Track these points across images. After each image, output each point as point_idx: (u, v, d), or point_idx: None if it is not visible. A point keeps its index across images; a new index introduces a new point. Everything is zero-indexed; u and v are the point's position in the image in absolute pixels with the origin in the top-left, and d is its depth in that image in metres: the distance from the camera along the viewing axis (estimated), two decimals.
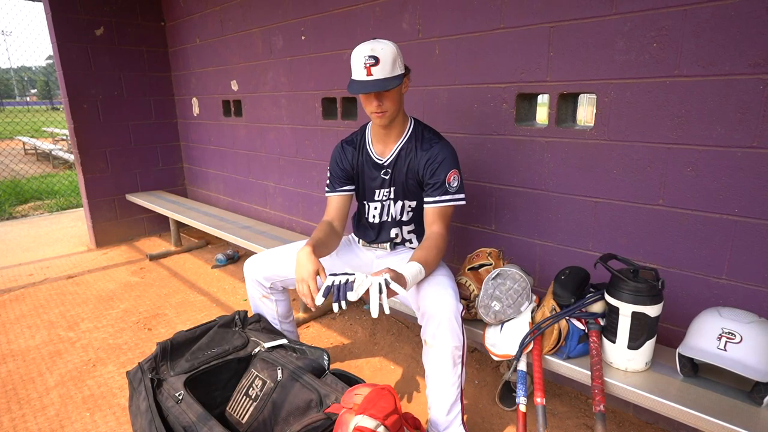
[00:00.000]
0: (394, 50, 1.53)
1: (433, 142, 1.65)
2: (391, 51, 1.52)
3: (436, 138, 1.67)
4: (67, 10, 3.52)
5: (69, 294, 3.05)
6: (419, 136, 1.68)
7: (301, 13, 2.72)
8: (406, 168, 1.69)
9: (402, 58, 1.56)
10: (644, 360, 1.37)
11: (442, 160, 1.61)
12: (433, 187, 1.62)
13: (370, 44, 1.52)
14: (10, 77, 49.11)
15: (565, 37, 1.68)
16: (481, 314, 1.57)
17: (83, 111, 3.72)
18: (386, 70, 1.51)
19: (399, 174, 1.71)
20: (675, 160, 1.51)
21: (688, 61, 1.43)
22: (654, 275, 1.35)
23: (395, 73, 1.53)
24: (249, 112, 3.40)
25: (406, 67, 1.58)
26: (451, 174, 1.61)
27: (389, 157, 1.71)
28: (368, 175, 1.78)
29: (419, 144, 1.67)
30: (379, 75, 1.51)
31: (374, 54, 1.50)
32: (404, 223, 1.80)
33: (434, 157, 1.62)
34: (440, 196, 1.61)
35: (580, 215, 1.78)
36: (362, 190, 1.83)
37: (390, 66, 1.51)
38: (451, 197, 1.62)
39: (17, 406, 1.93)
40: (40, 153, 10.55)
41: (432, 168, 1.62)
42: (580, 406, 1.90)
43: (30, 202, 5.93)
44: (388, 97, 1.56)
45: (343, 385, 1.50)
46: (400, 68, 1.55)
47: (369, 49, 1.51)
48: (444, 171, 1.61)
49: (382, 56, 1.50)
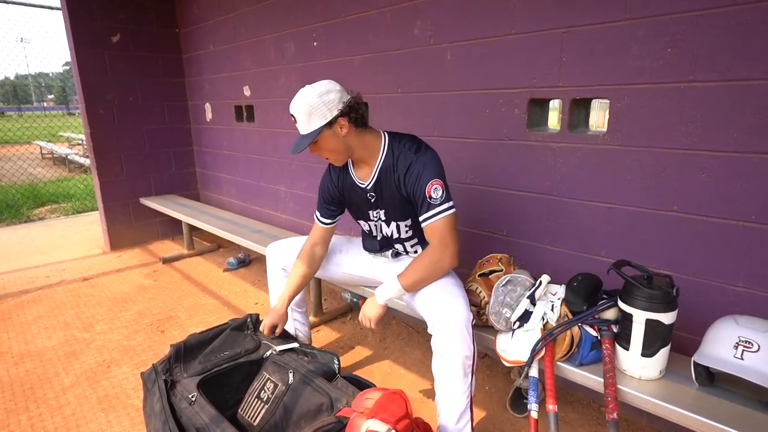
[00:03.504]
0: (310, 104, 1.48)
1: (408, 158, 1.56)
2: (303, 107, 1.49)
3: (412, 150, 1.58)
4: (85, 18, 3.60)
5: (84, 296, 3.10)
6: (395, 154, 1.60)
7: (313, 20, 2.75)
8: (389, 189, 1.63)
9: (329, 103, 1.49)
10: (658, 368, 1.35)
11: (419, 173, 1.53)
12: (420, 205, 1.56)
13: (295, 97, 1.53)
14: (28, 83, 50.17)
15: (578, 42, 1.68)
16: (492, 321, 1.57)
17: (99, 116, 3.79)
18: (303, 127, 1.52)
19: (384, 196, 1.66)
20: (690, 165, 1.50)
21: (704, 66, 1.42)
22: (668, 282, 1.34)
23: (312, 127, 1.51)
24: (261, 117, 3.44)
25: (343, 108, 1.51)
26: (430, 186, 1.52)
27: (371, 181, 1.66)
28: (356, 198, 1.76)
29: (396, 162, 1.59)
30: (299, 128, 1.54)
31: (291, 111, 1.53)
32: (405, 239, 1.78)
33: (411, 173, 1.55)
34: (425, 213, 1.54)
35: (593, 221, 1.77)
36: (354, 211, 1.83)
37: (305, 122, 1.51)
38: (435, 212, 1.52)
39: (35, 405, 1.96)
40: (57, 157, 10.74)
41: (411, 185, 1.56)
42: (592, 414, 1.88)
43: (47, 205, 6.04)
44: (320, 147, 1.57)
45: (354, 389, 1.51)
46: (319, 120, 1.50)
47: (291, 104, 1.53)
48: (423, 185, 1.53)
49: (296, 114, 1.52)
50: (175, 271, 3.54)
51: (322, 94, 1.50)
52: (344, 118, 1.53)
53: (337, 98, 1.51)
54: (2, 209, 5.44)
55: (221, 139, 3.99)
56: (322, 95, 1.50)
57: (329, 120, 1.51)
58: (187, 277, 3.41)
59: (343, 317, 2.76)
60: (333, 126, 1.52)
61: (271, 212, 3.60)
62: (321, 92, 1.50)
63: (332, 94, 1.51)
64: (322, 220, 1.85)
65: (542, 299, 1.54)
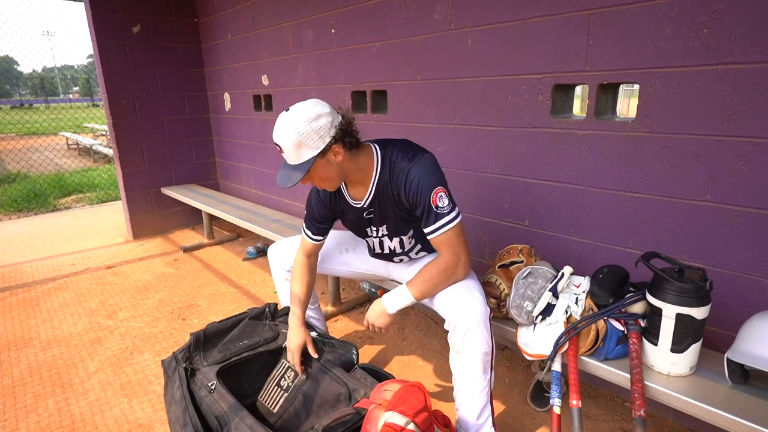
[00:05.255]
0: (299, 132, 1.32)
1: (404, 169, 1.43)
2: (291, 136, 1.32)
3: (406, 159, 1.45)
4: (106, 9, 3.63)
5: (108, 284, 3.17)
6: (390, 166, 1.47)
7: (331, 6, 2.71)
8: (389, 204, 1.52)
9: (320, 130, 1.34)
10: (689, 364, 1.30)
11: (419, 183, 1.41)
12: (425, 216, 1.44)
13: (278, 123, 1.36)
14: (55, 76, 51.44)
15: (606, 24, 1.60)
16: (513, 315, 1.53)
17: (121, 107, 3.84)
18: (291, 158, 1.37)
19: (384, 212, 1.55)
20: (725, 153, 1.42)
21: (743, 47, 1.33)
22: (701, 275, 1.28)
23: (302, 158, 1.35)
24: (279, 106, 3.43)
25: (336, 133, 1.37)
26: (434, 195, 1.40)
27: (366, 199, 1.54)
28: (352, 218, 1.65)
29: (392, 175, 1.47)
30: (287, 159, 1.39)
31: (276, 141, 1.37)
32: (409, 250, 1.69)
33: (410, 183, 1.42)
34: (433, 224, 1.43)
35: (620, 211, 1.70)
36: (350, 227, 1.74)
37: (294, 153, 1.35)
38: (444, 222, 1.42)
39: (61, 390, 2.02)
40: (82, 148, 11.01)
41: (412, 196, 1.43)
42: (616, 409, 1.83)
43: (72, 195, 6.20)
44: (311, 177, 1.43)
45: (372, 380, 1.50)
46: (310, 150, 1.34)
47: (275, 132, 1.37)
48: (426, 195, 1.41)
49: (283, 144, 1.36)
50: (195, 260, 3.59)
51: (312, 121, 1.33)
52: (338, 145, 1.38)
53: (328, 123, 1.35)
54: (30, 199, 5.60)
55: (240, 129, 4.01)
56: (312, 122, 1.33)
57: (322, 149, 1.36)
58: (207, 266, 3.45)
59: (361, 307, 2.75)
60: (326, 155, 1.37)
61: (289, 201, 3.61)
62: (310, 118, 1.33)
63: (323, 119, 1.34)
64: (312, 237, 1.70)
65: (565, 292, 1.50)
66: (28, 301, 2.92)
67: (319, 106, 1.36)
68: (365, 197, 1.54)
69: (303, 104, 1.37)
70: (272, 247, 2.03)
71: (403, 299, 1.52)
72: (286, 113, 1.36)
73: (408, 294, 1.50)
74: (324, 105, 1.38)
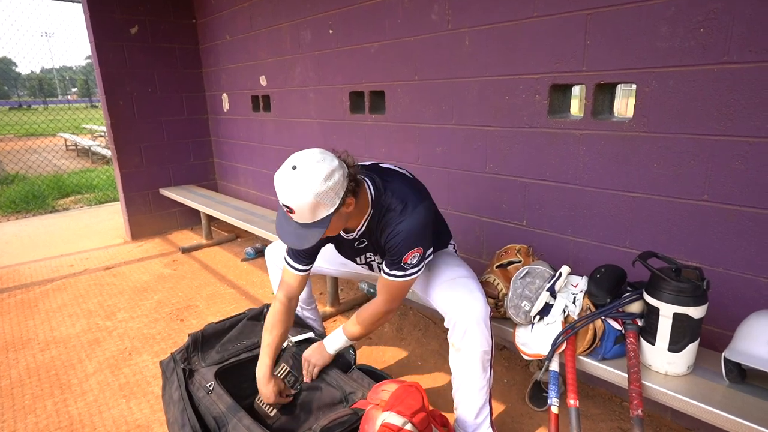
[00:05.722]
0: (317, 193, 1.20)
1: (393, 223, 1.38)
2: (308, 198, 1.20)
3: (398, 212, 1.38)
4: (104, 10, 3.62)
5: (106, 285, 3.16)
6: (382, 214, 1.41)
7: (329, 7, 2.71)
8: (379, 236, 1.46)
9: (336, 186, 1.23)
10: (686, 364, 1.30)
11: (400, 242, 1.37)
12: (389, 261, 1.43)
13: (288, 183, 1.21)
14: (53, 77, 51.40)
15: (603, 24, 1.60)
16: (511, 315, 1.53)
17: (119, 108, 3.84)
18: (304, 218, 1.25)
19: (376, 240, 1.49)
20: (722, 152, 1.42)
21: (739, 46, 1.34)
22: (698, 275, 1.28)
23: (318, 217, 1.25)
24: (277, 106, 3.43)
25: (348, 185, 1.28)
26: (409, 255, 1.38)
27: (358, 231, 1.48)
28: (341, 247, 1.63)
29: (381, 222, 1.41)
30: (298, 219, 1.26)
31: (288, 204, 1.23)
32: None
33: (393, 237, 1.38)
34: (392, 270, 1.42)
35: (617, 211, 1.70)
36: (341, 253, 1.69)
37: (308, 214, 1.23)
38: (401, 274, 1.41)
39: (59, 391, 2.01)
40: (80, 149, 11.00)
41: (390, 247, 1.40)
42: (614, 409, 1.83)
43: (71, 196, 6.19)
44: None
45: (370, 380, 1.50)
46: (327, 208, 1.24)
47: (284, 193, 1.22)
48: (401, 252, 1.38)
49: (297, 207, 1.22)
50: (193, 261, 3.59)
51: (327, 178, 1.21)
52: (351, 197, 1.30)
53: (341, 177, 1.25)
54: (29, 200, 5.59)
55: (238, 130, 4.01)
56: (327, 179, 1.21)
57: (338, 206, 1.26)
58: (205, 267, 3.45)
59: (359, 307, 2.75)
60: (340, 208, 1.28)
61: None
62: (325, 176, 1.21)
63: (336, 173, 1.23)
64: (296, 267, 1.56)
65: (563, 291, 1.50)
66: (26, 303, 2.92)
67: (328, 159, 1.25)
68: (356, 230, 1.48)
69: (310, 159, 1.24)
70: (269, 247, 2.03)
71: (339, 341, 1.58)
72: (294, 173, 1.21)
73: (343, 335, 1.57)
74: (329, 155, 1.27)
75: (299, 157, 1.25)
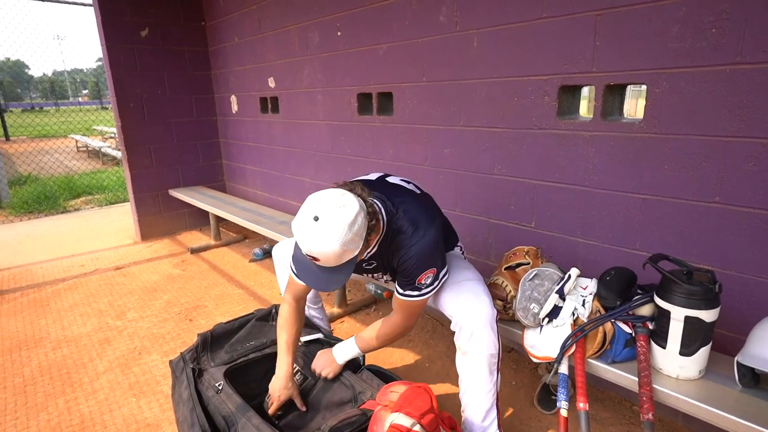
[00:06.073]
0: (344, 242, 1.18)
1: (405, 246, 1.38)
2: (335, 247, 1.18)
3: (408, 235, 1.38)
4: (115, 13, 3.67)
5: (117, 285, 3.20)
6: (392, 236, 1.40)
7: (337, 9, 2.72)
8: (385, 260, 1.48)
9: (360, 230, 1.22)
10: (698, 368, 1.29)
11: (413, 264, 1.38)
12: (403, 281, 1.44)
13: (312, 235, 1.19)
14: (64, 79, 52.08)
15: (613, 25, 1.59)
16: (520, 317, 1.53)
17: (129, 109, 3.88)
18: (330, 263, 1.24)
19: (387, 261, 1.48)
20: (734, 154, 1.41)
21: (752, 47, 1.32)
22: (710, 278, 1.27)
23: (344, 260, 1.24)
24: (285, 108, 3.45)
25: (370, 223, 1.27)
26: (423, 276, 1.40)
27: (368, 253, 1.45)
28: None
29: (393, 245, 1.41)
30: (325, 264, 1.25)
31: (312, 254, 1.22)
32: None
33: (405, 261, 1.39)
34: (407, 290, 1.44)
35: (627, 213, 1.69)
36: None
37: (335, 260, 1.23)
38: (416, 294, 1.43)
39: (71, 389, 2.04)
40: (91, 150, 11.12)
41: (403, 269, 1.41)
42: (623, 413, 1.81)
43: (82, 196, 6.26)
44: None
45: (379, 381, 1.50)
46: (352, 252, 1.24)
47: (308, 244, 1.20)
48: (415, 274, 1.40)
49: (325, 256, 1.21)
50: (202, 261, 3.61)
51: (352, 225, 1.19)
52: (373, 233, 1.31)
53: (363, 217, 1.24)
54: (41, 200, 5.67)
55: (247, 131, 4.03)
56: (352, 226, 1.20)
57: (362, 247, 1.27)
58: (214, 267, 3.47)
59: (367, 308, 2.76)
60: (363, 247, 1.28)
61: (296, 203, 3.62)
62: (349, 223, 1.19)
63: (359, 217, 1.22)
64: (300, 280, 1.51)
65: (572, 294, 1.49)
66: (38, 302, 2.96)
67: (348, 202, 1.22)
68: (366, 252, 1.44)
69: (331, 205, 1.20)
70: (277, 246, 2.04)
71: (350, 351, 1.56)
72: (318, 224, 1.18)
73: (355, 347, 1.56)
74: (348, 196, 1.24)
75: (319, 206, 1.21)
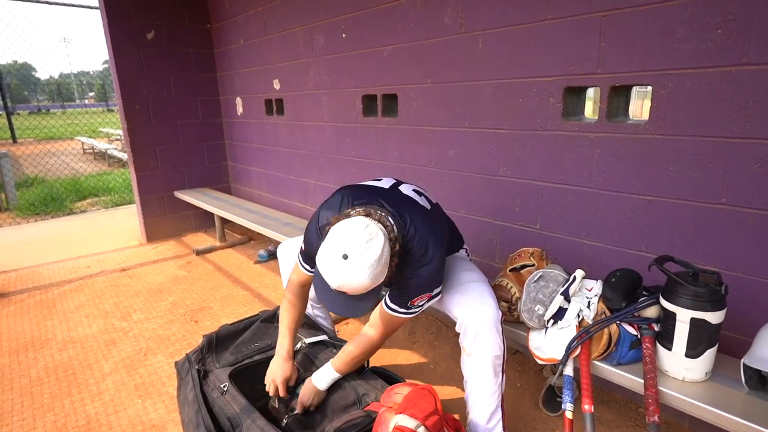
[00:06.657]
0: (375, 275, 1.20)
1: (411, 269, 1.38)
2: (365, 282, 1.20)
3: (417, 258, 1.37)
4: (122, 16, 3.70)
5: (123, 286, 3.22)
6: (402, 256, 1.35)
7: (342, 11, 2.73)
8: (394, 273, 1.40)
9: (386, 261, 1.24)
10: (704, 370, 1.28)
11: (413, 286, 1.40)
12: (395, 295, 1.44)
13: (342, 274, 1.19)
14: (71, 81, 52.47)
15: (619, 26, 1.59)
16: (525, 319, 1.52)
17: (135, 112, 3.91)
18: (359, 293, 1.26)
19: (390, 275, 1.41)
20: (741, 155, 1.40)
21: (758, 47, 1.32)
22: (716, 279, 1.26)
23: (371, 288, 1.25)
24: (290, 110, 3.46)
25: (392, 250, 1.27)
26: (419, 298, 1.42)
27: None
28: None
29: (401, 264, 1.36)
30: (352, 293, 1.26)
31: (342, 290, 1.23)
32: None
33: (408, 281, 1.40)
34: (395, 304, 1.44)
35: (632, 214, 1.68)
36: None
37: (363, 291, 1.25)
38: (406, 312, 1.44)
39: (77, 390, 2.05)
40: (97, 152, 11.19)
41: (403, 286, 1.42)
42: (629, 415, 1.80)
43: (88, 198, 6.31)
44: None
45: (383, 383, 1.50)
46: (379, 280, 1.25)
47: (337, 281, 1.21)
48: (412, 294, 1.41)
49: (351, 291, 1.24)
50: (207, 263, 3.63)
51: (380, 258, 1.20)
52: (395, 258, 1.29)
53: (389, 248, 1.25)
54: (47, 202, 5.71)
55: (252, 133, 4.05)
56: (380, 259, 1.21)
57: (387, 274, 1.28)
58: (219, 269, 3.49)
59: (371, 311, 2.75)
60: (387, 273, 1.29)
61: (300, 205, 3.63)
62: (377, 257, 1.20)
63: (385, 249, 1.22)
64: (310, 270, 1.60)
65: (577, 295, 1.49)
66: (45, 303, 2.98)
67: (374, 234, 1.22)
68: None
69: (358, 241, 1.19)
70: (282, 245, 2.04)
71: (329, 376, 1.54)
72: (347, 262, 1.18)
73: (333, 371, 1.53)
74: (372, 227, 1.23)
75: (347, 243, 1.20)
